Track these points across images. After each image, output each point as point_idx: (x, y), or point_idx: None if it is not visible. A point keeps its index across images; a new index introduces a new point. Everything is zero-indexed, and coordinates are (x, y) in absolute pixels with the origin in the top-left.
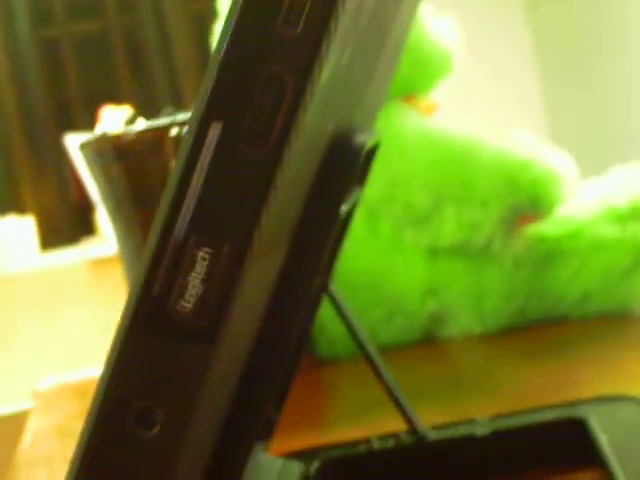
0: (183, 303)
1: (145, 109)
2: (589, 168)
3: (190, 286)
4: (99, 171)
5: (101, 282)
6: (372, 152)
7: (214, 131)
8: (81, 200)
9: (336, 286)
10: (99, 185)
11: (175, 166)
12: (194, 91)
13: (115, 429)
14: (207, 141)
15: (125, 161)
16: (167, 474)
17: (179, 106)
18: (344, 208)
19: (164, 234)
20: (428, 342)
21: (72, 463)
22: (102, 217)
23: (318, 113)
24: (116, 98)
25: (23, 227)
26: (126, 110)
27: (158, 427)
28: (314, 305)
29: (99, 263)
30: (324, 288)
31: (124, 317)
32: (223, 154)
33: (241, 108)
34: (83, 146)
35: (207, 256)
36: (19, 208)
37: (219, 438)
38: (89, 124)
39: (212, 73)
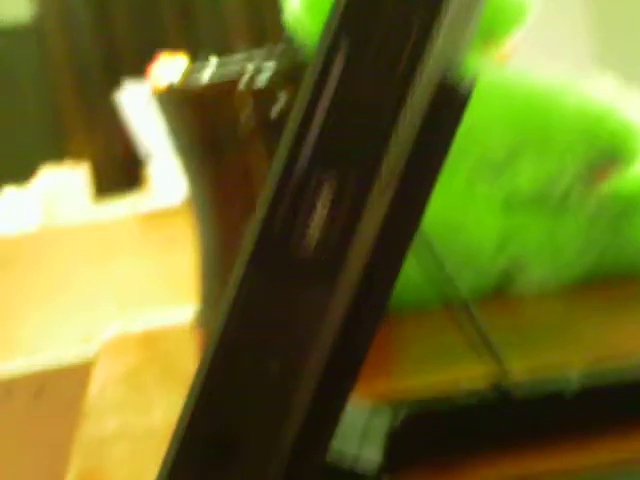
0: (305, 241)
1: (195, 59)
2: None
3: (314, 222)
4: (171, 120)
5: (153, 235)
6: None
7: (344, 49)
8: (131, 151)
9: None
10: (170, 134)
11: (303, 86)
12: (243, 41)
13: (249, 368)
14: (336, 59)
15: (196, 111)
16: (282, 417)
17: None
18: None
19: (286, 166)
20: (499, 297)
21: (188, 399)
22: (154, 170)
23: (441, 47)
24: (165, 47)
25: (75, 177)
26: (180, 59)
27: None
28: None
29: (150, 217)
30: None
31: (243, 254)
32: (352, 74)
33: (372, 27)
34: (157, 94)
35: (332, 187)
36: (71, 158)
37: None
38: (139, 73)
39: None
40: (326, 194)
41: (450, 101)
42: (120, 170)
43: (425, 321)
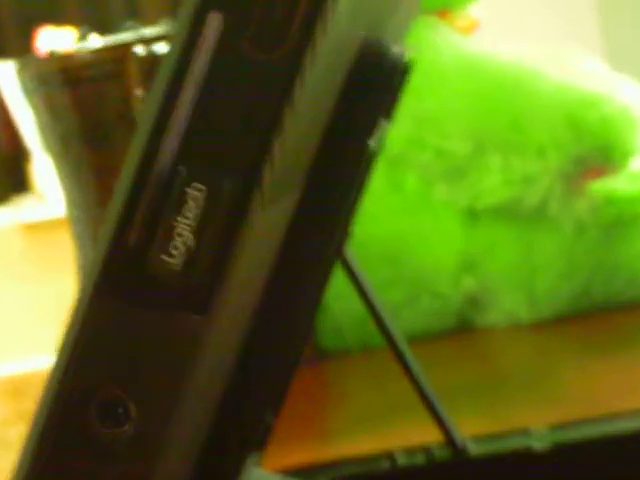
0: (167, 258)
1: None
2: None
3: (177, 236)
4: (41, 102)
5: (39, 251)
6: (403, 75)
7: (212, 26)
8: (13, 149)
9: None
10: (41, 121)
11: (159, 76)
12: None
13: (75, 427)
14: (202, 40)
15: (76, 89)
16: None
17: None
18: (373, 143)
19: (143, 166)
20: (463, 331)
21: (16, 473)
22: (40, 169)
23: (346, 15)
24: (55, 20)
25: None
26: (70, 32)
27: (131, 425)
28: (325, 276)
29: (35, 227)
30: (337, 253)
31: (89, 277)
32: (223, 58)
33: None
34: (21, 70)
35: (200, 196)
36: None
37: (205, 445)
38: (24, 51)
39: None
40: (193, 202)
41: (377, 82)
42: (1, 169)
43: (363, 365)
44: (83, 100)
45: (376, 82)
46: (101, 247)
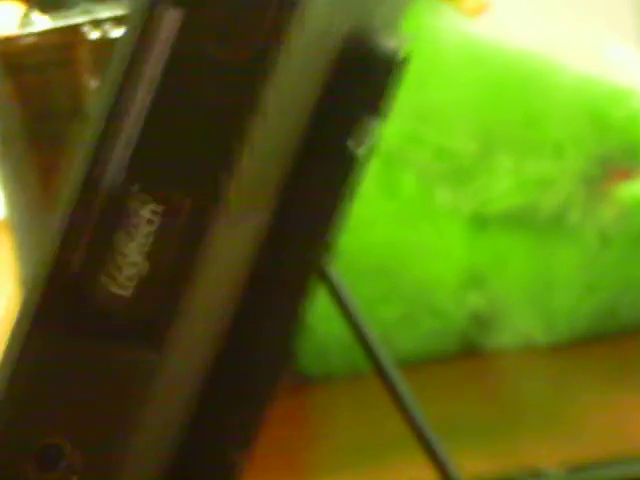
0: (116, 287)
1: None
2: None
3: (128, 262)
4: None
5: None
6: (396, 68)
7: (170, 22)
8: None
9: (336, 270)
10: None
11: (107, 77)
12: None
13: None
14: (159, 38)
15: (18, 78)
16: None
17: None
18: (359, 149)
19: (88, 182)
20: (467, 355)
21: None
22: None
23: (325, 7)
24: None
25: None
26: (14, 7)
27: (75, 476)
28: (303, 297)
29: None
30: (319, 272)
31: (26, 306)
32: (182, 57)
33: None
34: None
35: (155, 217)
36: None
37: None
38: None
39: None
40: (146, 221)
41: (361, 78)
42: None
43: (350, 392)
44: (26, 91)
45: (360, 78)
46: (41, 273)
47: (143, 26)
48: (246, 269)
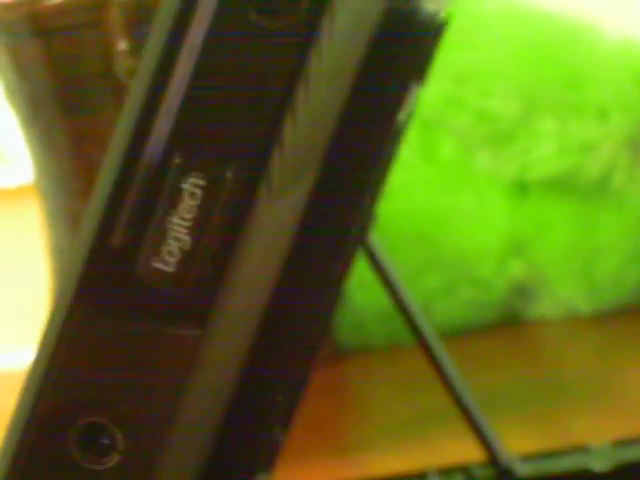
0: (159, 264)
1: None
2: None
3: (171, 237)
4: (6, 56)
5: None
6: (439, 31)
7: None
8: None
9: (376, 238)
10: (5, 78)
11: (148, 47)
12: None
13: (51, 461)
14: (200, 5)
15: (47, 40)
16: None
17: None
18: (402, 115)
19: (130, 153)
20: (509, 324)
21: None
22: (5, 128)
23: None
24: None
25: None
26: None
27: (116, 456)
28: (345, 267)
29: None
30: (360, 240)
31: (67, 284)
32: (224, 25)
33: None
34: None
35: (198, 189)
36: None
37: (204, 472)
38: None
39: None
40: (190, 195)
41: (407, 46)
42: None
43: (389, 365)
44: (55, 53)
45: (406, 46)
46: (81, 250)
47: None
48: (288, 240)
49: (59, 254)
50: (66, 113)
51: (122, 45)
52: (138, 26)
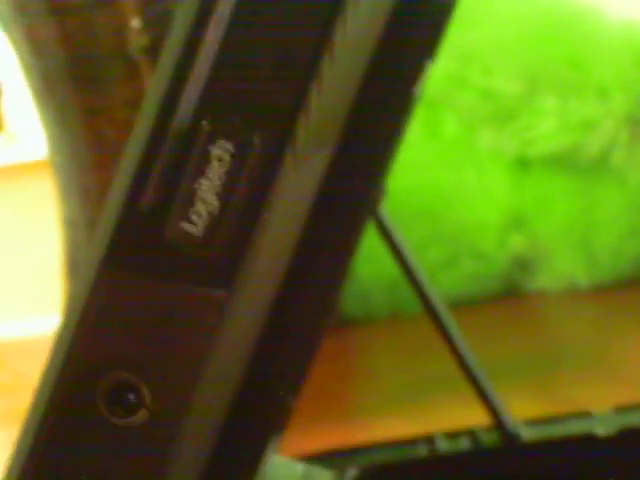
0: (187, 225)
1: None
2: None
3: (199, 200)
4: (21, 33)
5: (10, 197)
6: (450, 9)
7: None
8: None
9: (385, 211)
10: (21, 55)
11: (179, 14)
12: None
13: (80, 415)
14: None
15: (61, 18)
16: (153, 477)
17: None
18: (417, 89)
19: (160, 118)
20: (510, 296)
21: (15, 455)
22: (13, 105)
23: None
24: None
25: None
26: None
27: (143, 412)
28: (357, 236)
29: (8, 172)
30: (371, 212)
31: (97, 246)
32: None
33: None
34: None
35: (226, 154)
36: None
37: (223, 431)
38: None
39: None
40: (218, 160)
41: (423, 23)
42: None
43: (393, 333)
44: (69, 32)
45: (421, 23)
46: (110, 212)
47: None
48: (309, 206)
49: (72, 225)
50: (79, 90)
51: (135, 23)
52: (151, 4)
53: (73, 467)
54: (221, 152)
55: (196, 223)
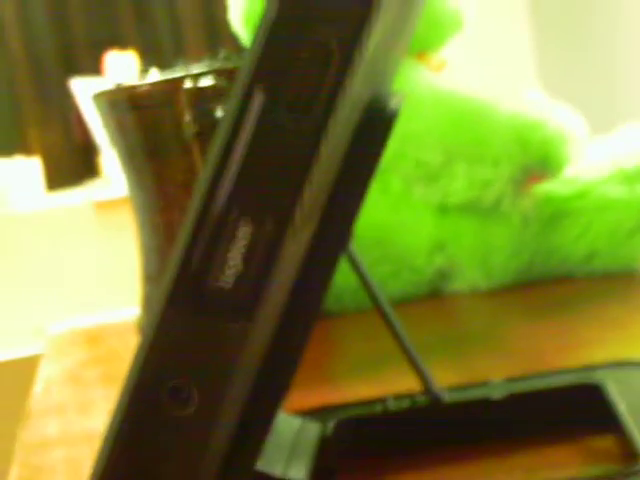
0: (222, 281)
1: (148, 55)
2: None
3: (230, 263)
4: (112, 122)
5: (106, 224)
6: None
7: (258, 97)
8: (85, 142)
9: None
10: (111, 135)
11: (217, 134)
12: (196, 39)
13: (150, 407)
14: (250, 108)
15: (138, 112)
16: (201, 452)
17: (180, 53)
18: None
19: (204, 207)
20: (434, 297)
21: (106, 440)
22: (107, 160)
23: (361, 82)
24: (119, 43)
25: (29, 167)
26: (130, 56)
27: (194, 407)
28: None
29: (104, 205)
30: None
31: (162, 292)
32: (265, 126)
33: (286, 75)
34: (97, 96)
35: (248, 231)
36: (25, 149)
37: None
38: (93, 68)
39: (259, 38)
40: (242, 235)
41: (377, 122)
42: (75, 159)
43: (358, 323)
44: (144, 122)
45: (378, 133)
46: (171, 271)
47: (240, 98)
48: (302, 260)
49: (147, 250)
50: (151, 160)
51: (187, 117)
52: (198, 104)
53: (146, 448)
54: (245, 231)
55: (228, 278)
